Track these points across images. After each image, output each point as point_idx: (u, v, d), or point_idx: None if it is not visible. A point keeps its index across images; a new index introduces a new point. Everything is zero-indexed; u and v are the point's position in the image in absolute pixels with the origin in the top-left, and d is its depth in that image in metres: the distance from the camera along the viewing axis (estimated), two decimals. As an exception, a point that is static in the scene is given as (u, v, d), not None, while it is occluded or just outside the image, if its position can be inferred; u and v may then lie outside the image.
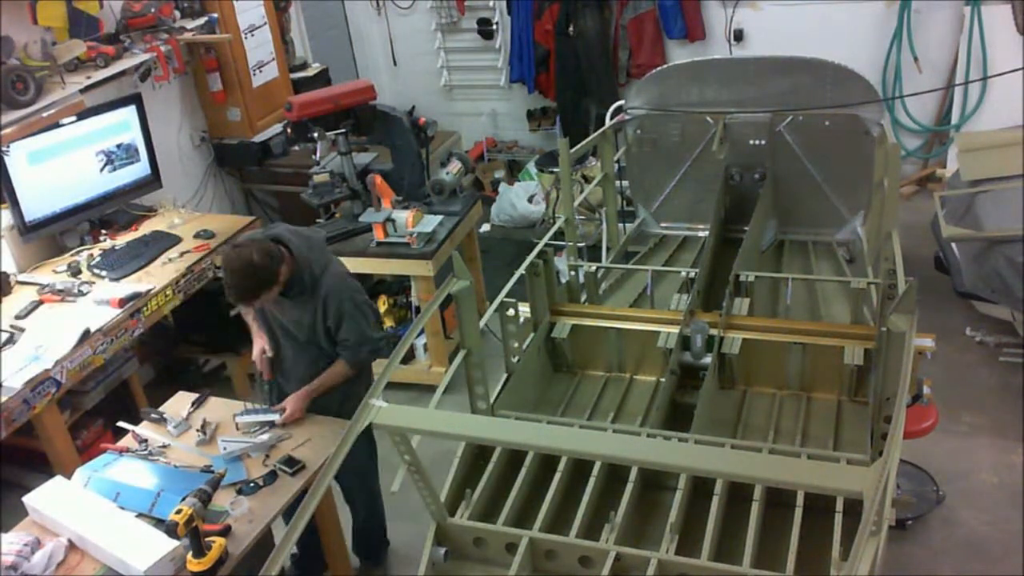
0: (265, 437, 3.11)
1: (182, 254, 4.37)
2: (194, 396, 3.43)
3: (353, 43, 7.48)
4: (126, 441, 3.18)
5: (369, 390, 2.17)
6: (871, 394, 3.10)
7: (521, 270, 3.37)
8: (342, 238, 4.59)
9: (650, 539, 2.61)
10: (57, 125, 4.22)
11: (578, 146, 4.13)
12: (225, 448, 3.04)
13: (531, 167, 6.80)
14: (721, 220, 4.42)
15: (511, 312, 3.23)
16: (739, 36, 6.44)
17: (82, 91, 4.35)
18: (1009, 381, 4.39)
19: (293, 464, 2.99)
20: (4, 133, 4.00)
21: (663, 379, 3.33)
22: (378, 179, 4.57)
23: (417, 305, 4.70)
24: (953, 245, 4.46)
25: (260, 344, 3.39)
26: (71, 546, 2.71)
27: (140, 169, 4.73)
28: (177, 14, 5.03)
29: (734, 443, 2.91)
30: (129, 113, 4.62)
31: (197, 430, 3.18)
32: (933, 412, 3.34)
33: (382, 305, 4.82)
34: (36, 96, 4.15)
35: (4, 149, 4.01)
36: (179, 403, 3.40)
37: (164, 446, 3.14)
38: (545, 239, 3.59)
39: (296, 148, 5.33)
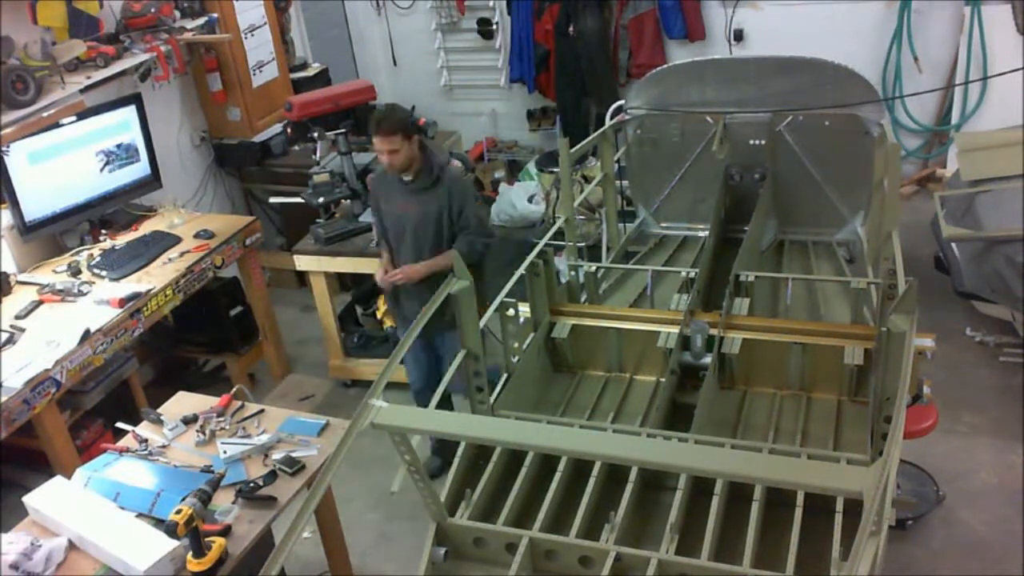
0: (264, 438, 3.11)
1: (182, 254, 4.37)
2: (195, 395, 3.44)
3: (353, 43, 7.47)
4: (126, 441, 3.18)
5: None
6: (871, 394, 3.10)
7: (521, 270, 3.37)
8: (342, 238, 4.59)
9: (650, 539, 2.61)
10: (57, 125, 4.22)
11: (578, 146, 4.12)
12: (225, 452, 3.04)
13: (531, 167, 6.79)
14: (721, 220, 4.42)
15: (511, 312, 3.23)
16: (739, 36, 6.44)
17: (82, 91, 4.36)
18: (1009, 381, 4.39)
19: (293, 464, 2.99)
20: (4, 133, 4.00)
21: (663, 379, 3.33)
22: (378, 179, 4.57)
23: (417, 305, 4.70)
24: (953, 245, 4.46)
25: (385, 262, 3.85)
26: (71, 546, 2.71)
27: (140, 169, 4.73)
28: (177, 14, 5.03)
29: (734, 443, 2.91)
30: (129, 113, 4.62)
31: (196, 431, 3.18)
32: (933, 412, 3.34)
33: (382, 305, 4.82)
34: (36, 96, 4.16)
35: (4, 149, 4.01)
36: (179, 403, 3.40)
37: (164, 446, 3.14)
38: (545, 239, 3.58)
39: (296, 148, 5.33)
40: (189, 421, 3.25)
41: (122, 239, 4.51)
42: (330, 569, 3.50)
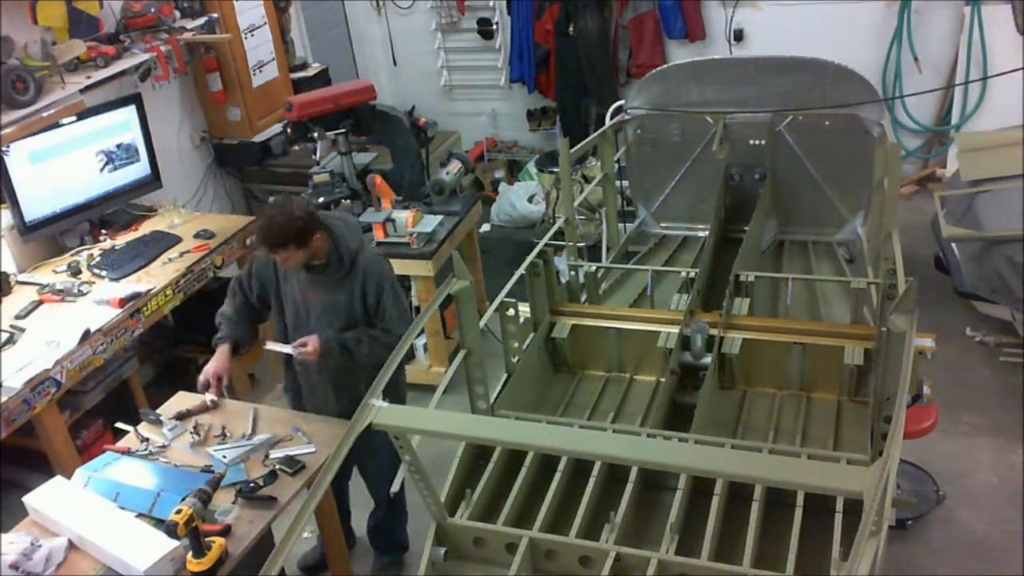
0: (264, 437, 3.11)
1: (182, 254, 4.37)
2: (195, 396, 3.43)
3: (353, 43, 7.48)
4: (127, 441, 3.17)
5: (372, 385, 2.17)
6: (871, 394, 3.10)
7: (521, 270, 3.37)
8: (342, 238, 4.59)
9: (650, 539, 2.61)
10: (57, 125, 4.22)
11: (578, 146, 4.13)
12: (225, 457, 3.03)
13: (531, 167, 6.80)
14: (721, 220, 4.43)
15: (511, 312, 3.23)
16: (739, 36, 6.44)
17: (82, 91, 4.36)
18: (1009, 381, 4.39)
19: (293, 464, 2.99)
20: (4, 133, 4.00)
21: (663, 379, 3.33)
22: (378, 179, 4.57)
23: (417, 305, 4.70)
24: (953, 245, 4.46)
25: (214, 369, 3.31)
26: (71, 546, 2.71)
27: (140, 169, 4.73)
28: (177, 14, 5.03)
29: (734, 443, 2.91)
30: (129, 113, 4.61)
31: (191, 432, 3.17)
32: (933, 412, 3.34)
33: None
34: (36, 96, 4.16)
35: (4, 149, 4.01)
36: (179, 404, 3.39)
37: (164, 446, 3.14)
38: (545, 239, 3.59)
39: (296, 148, 5.33)
40: (183, 416, 3.24)
41: (122, 239, 4.51)
42: (330, 569, 3.50)
